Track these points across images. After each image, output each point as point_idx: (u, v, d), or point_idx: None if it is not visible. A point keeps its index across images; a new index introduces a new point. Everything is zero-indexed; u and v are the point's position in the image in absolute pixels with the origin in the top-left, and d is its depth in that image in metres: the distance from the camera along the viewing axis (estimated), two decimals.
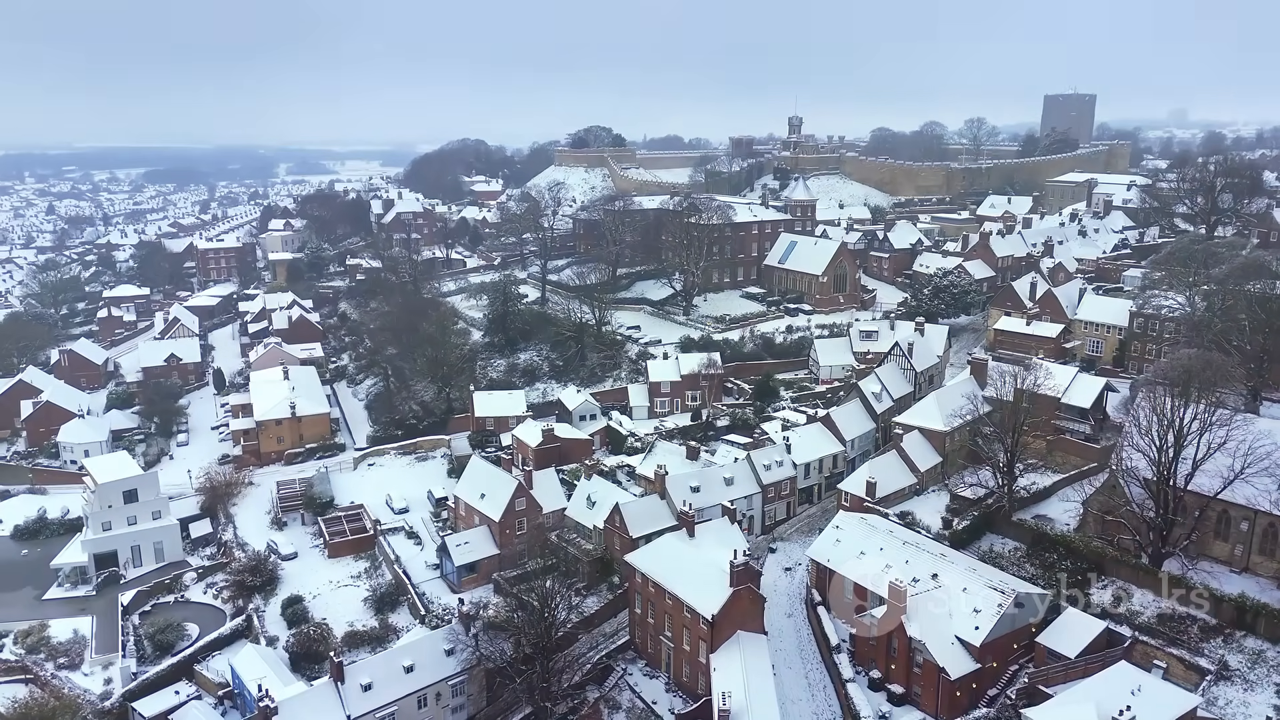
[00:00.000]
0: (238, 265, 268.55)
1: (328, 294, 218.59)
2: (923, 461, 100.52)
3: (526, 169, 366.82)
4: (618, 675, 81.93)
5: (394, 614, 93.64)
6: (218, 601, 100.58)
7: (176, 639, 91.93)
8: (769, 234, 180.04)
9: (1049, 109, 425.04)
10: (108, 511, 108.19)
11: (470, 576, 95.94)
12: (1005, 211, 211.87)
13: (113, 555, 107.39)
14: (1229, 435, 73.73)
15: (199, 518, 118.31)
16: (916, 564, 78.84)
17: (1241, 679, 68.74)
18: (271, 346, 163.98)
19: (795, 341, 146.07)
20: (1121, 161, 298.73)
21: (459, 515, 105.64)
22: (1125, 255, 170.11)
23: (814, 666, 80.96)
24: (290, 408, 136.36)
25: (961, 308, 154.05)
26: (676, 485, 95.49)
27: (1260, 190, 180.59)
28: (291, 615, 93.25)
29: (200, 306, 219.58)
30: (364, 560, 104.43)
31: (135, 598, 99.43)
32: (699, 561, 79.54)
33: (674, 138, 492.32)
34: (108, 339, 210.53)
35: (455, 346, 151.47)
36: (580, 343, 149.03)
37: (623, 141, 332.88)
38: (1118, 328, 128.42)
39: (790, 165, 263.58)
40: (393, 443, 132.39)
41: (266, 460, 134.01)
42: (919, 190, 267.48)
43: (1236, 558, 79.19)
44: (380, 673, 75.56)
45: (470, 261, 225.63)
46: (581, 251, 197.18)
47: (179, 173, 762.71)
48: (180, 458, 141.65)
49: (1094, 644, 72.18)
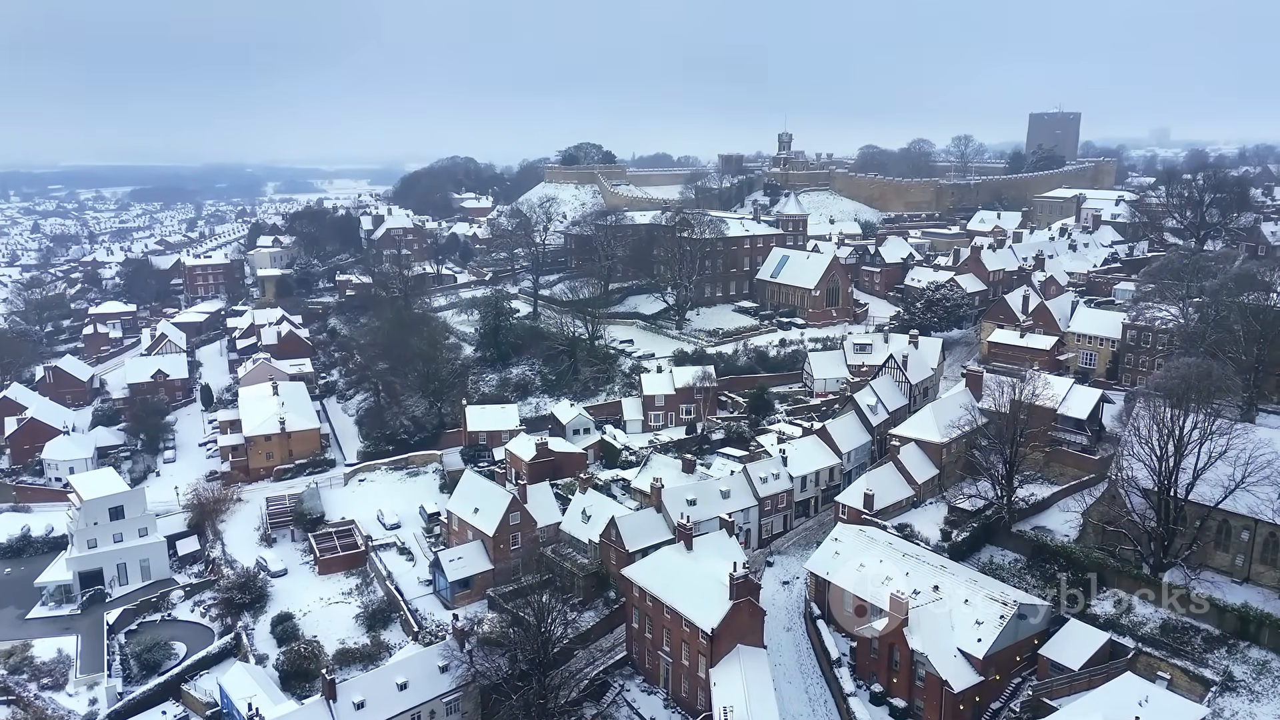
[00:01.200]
0: (225, 282, 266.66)
1: (317, 310, 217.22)
2: (920, 474, 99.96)
3: (516, 186, 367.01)
4: (615, 691, 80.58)
5: (386, 631, 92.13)
6: (205, 620, 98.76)
7: (163, 658, 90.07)
8: (761, 248, 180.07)
9: (1034, 127, 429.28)
10: (93, 529, 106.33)
11: (464, 592, 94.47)
12: (995, 226, 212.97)
13: (98, 573, 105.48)
14: (1229, 444, 73.33)
15: (186, 535, 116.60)
16: (917, 576, 78.06)
17: (1247, 690, 68.09)
18: (260, 362, 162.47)
19: (789, 355, 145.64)
20: (1107, 178, 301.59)
21: (452, 530, 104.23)
22: (1115, 269, 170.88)
23: (814, 681, 79.89)
24: (280, 423, 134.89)
25: (954, 321, 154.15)
26: (673, 498, 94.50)
27: (1247, 205, 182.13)
28: (281, 633, 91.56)
29: (187, 323, 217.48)
30: (355, 577, 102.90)
31: (121, 616, 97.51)
32: (698, 574, 78.53)
33: (663, 156, 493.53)
34: (93, 356, 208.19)
35: (446, 361, 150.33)
36: (573, 356, 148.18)
37: (613, 158, 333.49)
38: (1111, 340, 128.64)
39: (780, 181, 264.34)
40: (384, 458, 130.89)
41: (255, 476, 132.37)
42: (908, 206, 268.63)
43: (1237, 568, 78.68)
44: (373, 690, 74.00)
45: (461, 277, 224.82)
46: (573, 266, 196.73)
47: (166, 191, 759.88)
48: (167, 474, 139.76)
49: (1097, 655, 71.60)
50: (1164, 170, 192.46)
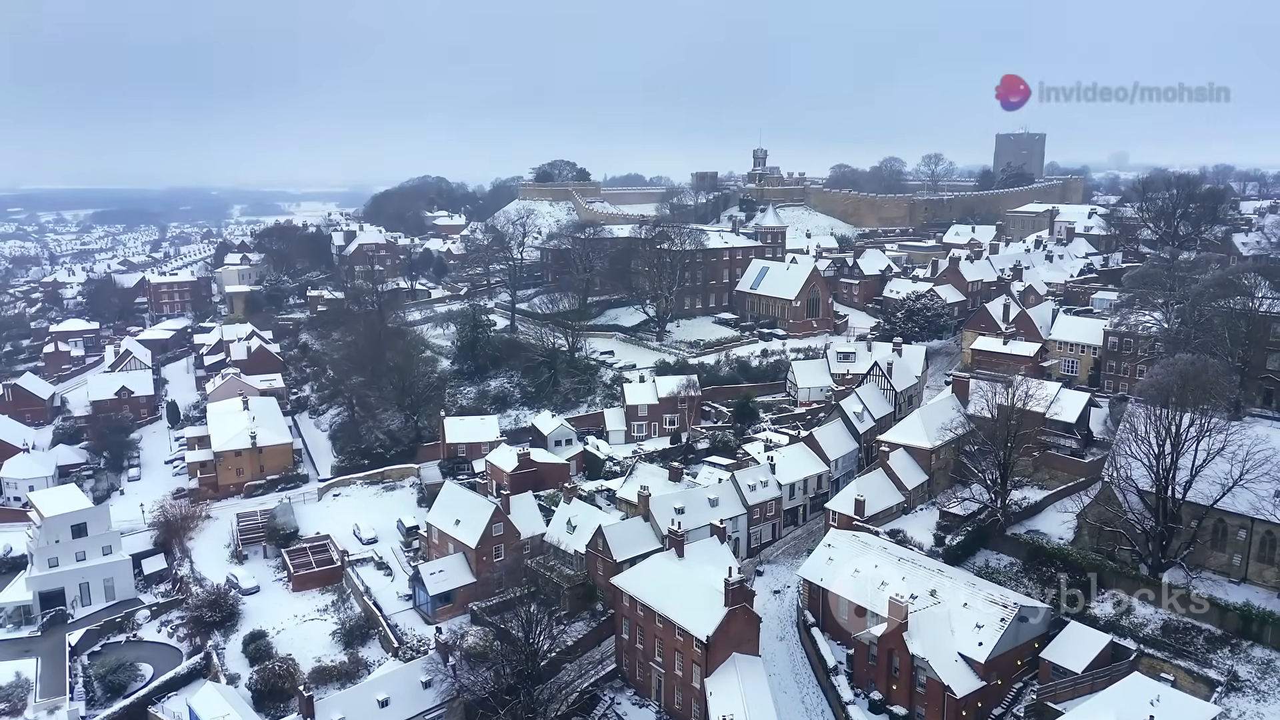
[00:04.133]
0: (192, 299, 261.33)
1: (288, 325, 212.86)
2: (910, 479, 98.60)
3: (489, 205, 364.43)
4: (605, 705, 77.77)
5: (364, 648, 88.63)
6: (173, 640, 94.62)
7: (129, 679, 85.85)
8: (740, 260, 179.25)
9: (1001, 148, 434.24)
10: (54, 547, 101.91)
11: (445, 607, 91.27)
12: (971, 239, 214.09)
13: (60, 593, 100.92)
14: (1227, 439, 72.56)
15: (153, 553, 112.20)
16: (913, 580, 76.25)
17: (1253, 689, 66.86)
18: (230, 377, 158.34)
19: (771, 365, 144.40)
20: (1076, 195, 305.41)
21: (432, 544, 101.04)
22: (1092, 279, 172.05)
23: (810, 690, 77.65)
24: (251, 438, 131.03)
25: (934, 331, 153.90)
26: (660, 507, 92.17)
27: (1218, 217, 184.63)
28: (254, 651, 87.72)
29: (153, 340, 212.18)
30: (331, 593, 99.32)
31: (84, 637, 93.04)
32: (690, 582, 76.16)
33: (635, 176, 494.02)
34: (54, 374, 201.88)
35: (422, 374, 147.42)
36: (553, 368, 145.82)
37: (587, 175, 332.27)
38: (1092, 347, 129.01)
39: (755, 197, 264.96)
40: (359, 472, 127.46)
41: (225, 493, 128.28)
42: (882, 221, 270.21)
43: (1235, 568, 77.72)
44: (353, 708, 70.61)
45: (435, 292, 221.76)
46: (550, 281, 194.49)
47: (129, 214, 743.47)
48: (131, 493, 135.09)
49: (1099, 658, 70.10)
50: (1138, 181, 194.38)
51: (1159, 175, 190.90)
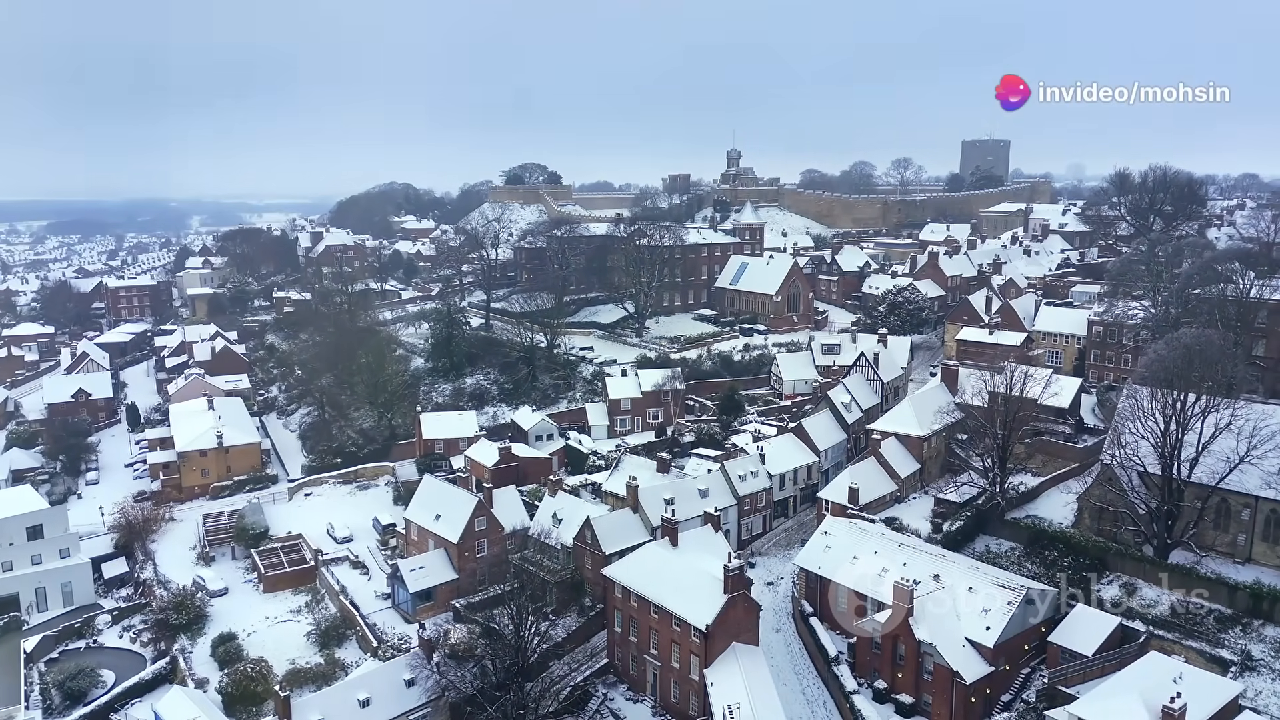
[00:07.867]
0: (151, 304, 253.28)
1: (253, 327, 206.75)
2: (902, 468, 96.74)
3: (457, 209, 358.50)
4: (597, 701, 74.36)
5: (341, 649, 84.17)
6: (136, 645, 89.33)
7: (89, 686, 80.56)
8: (719, 256, 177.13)
9: (967, 154, 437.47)
10: (8, 549, 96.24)
11: (426, 604, 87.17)
12: (947, 237, 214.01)
13: (14, 599, 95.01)
14: (1234, 415, 71.17)
15: (113, 557, 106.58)
16: (915, 566, 73.77)
17: (1268, 668, 65.42)
18: (194, 378, 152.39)
19: (754, 359, 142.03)
20: (1044, 197, 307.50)
21: (410, 540, 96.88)
22: (1070, 273, 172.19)
23: (810, 681, 74.88)
24: (216, 438, 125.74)
25: (915, 325, 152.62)
26: (650, 498, 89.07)
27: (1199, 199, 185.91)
28: (223, 654, 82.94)
29: (111, 343, 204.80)
30: (305, 593, 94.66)
31: (40, 644, 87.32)
32: (685, 570, 73.14)
33: (604, 183, 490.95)
34: (8, 379, 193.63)
35: (395, 373, 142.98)
36: (531, 364, 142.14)
37: (558, 179, 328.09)
38: (1076, 337, 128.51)
39: (729, 198, 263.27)
40: (331, 471, 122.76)
41: (189, 495, 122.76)
42: (855, 222, 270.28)
43: (1239, 548, 76.57)
44: (333, 709, 66.59)
45: (406, 293, 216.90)
46: (523, 280, 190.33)
47: (85, 224, 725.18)
48: (90, 496, 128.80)
49: (1109, 640, 68.16)
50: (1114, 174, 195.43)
51: (1127, 175, 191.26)
